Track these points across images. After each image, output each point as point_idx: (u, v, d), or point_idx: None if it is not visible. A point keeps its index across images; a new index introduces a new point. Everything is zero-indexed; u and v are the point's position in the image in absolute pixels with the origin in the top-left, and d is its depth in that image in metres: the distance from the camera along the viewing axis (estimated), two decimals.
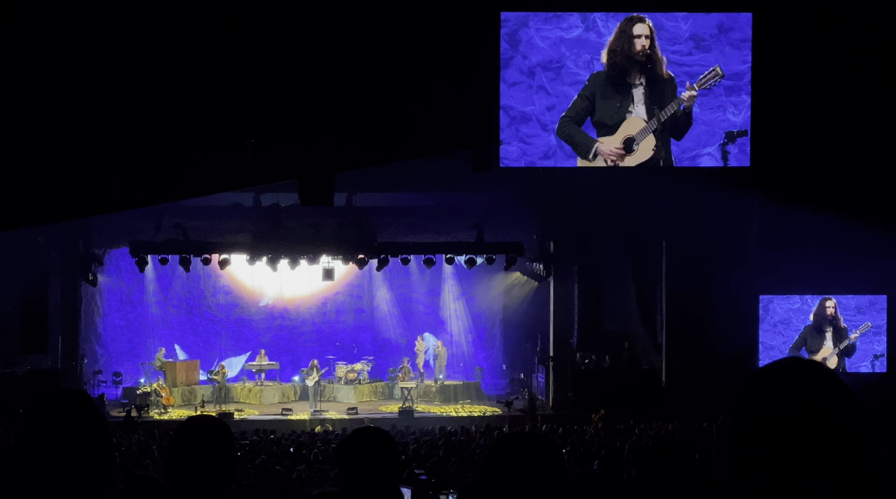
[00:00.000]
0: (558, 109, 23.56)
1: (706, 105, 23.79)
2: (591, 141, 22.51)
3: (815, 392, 2.38)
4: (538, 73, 23.27)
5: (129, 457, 21.51)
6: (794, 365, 2.47)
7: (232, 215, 32.42)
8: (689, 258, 31.64)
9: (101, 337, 35.70)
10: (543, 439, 3.77)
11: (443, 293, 38.88)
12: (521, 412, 31.69)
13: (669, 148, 23.77)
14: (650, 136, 23.64)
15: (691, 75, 23.55)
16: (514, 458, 3.62)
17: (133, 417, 29.48)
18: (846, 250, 28.22)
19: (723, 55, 23.26)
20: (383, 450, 5.17)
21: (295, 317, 37.96)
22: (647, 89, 23.60)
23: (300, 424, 30.21)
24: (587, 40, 23.38)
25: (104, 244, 33.18)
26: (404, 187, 31.53)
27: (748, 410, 2.45)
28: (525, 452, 3.65)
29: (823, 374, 2.42)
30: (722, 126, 23.86)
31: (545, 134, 23.59)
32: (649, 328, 33.80)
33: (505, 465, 3.60)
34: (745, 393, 2.47)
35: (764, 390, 2.44)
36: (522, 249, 32.49)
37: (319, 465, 20.50)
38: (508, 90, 22.00)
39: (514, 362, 37.54)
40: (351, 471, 5.12)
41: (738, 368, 30.88)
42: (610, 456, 16.38)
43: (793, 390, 2.39)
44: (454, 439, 24.51)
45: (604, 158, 20.90)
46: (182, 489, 4.36)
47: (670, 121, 23.68)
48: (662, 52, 23.47)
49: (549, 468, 3.61)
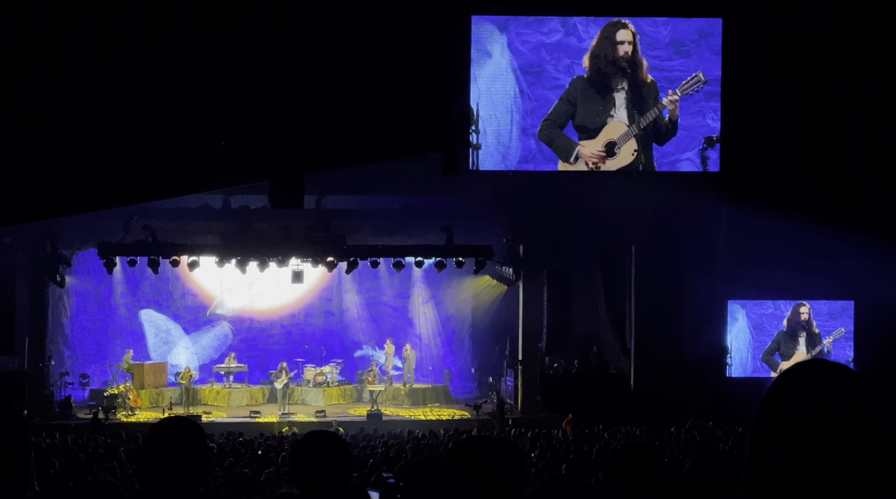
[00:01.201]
0: (538, 114, 23.59)
1: (686, 110, 23.86)
2: (573, 144, 22.60)
3: (844, 397, 2.35)
4: (518, 76, 23.29)
5: (96, 459, 21.39)
6: (820, 368, 2.43)
7: (201, 217, 32.32)
8: (658, 263, 31.72)
9: (69, 338, 35.53)
10: (504, 442, 3.77)
11: (412, 296, 38.87)
12: (490, 416, 31.68)
13: (651, 153, 23.86)
14: (631, 140, 23.71)
15: (671, 80, 23.63)
16: (473, 461, 3.62)
17: (100, 419, 29.33)
18: (816, 256, 28.35)
19: (703, 61, 23.34)
20: (333, 455, 5.15)
21: (263, 319, 37.88)
22: (630, 94, 23.67)
23: (268, 426, 30.12)
24: (567, 44, 23.43)
25: (72, 245, 33.00)
26: (374, 190, 31.51)
27: (774, 415, 2.40)
28: (483, 455, 3.64)
29: (851, 378, 2.38)
30: (701, 131, 23.95)
31: (525, 138, 23.62)
32: (618, 333, 33.88)
33: (463, 468, 3.60)
34: (769, 398, 2.41)
35: (791, 395, 2.39)
36: (492, 253, 32.46)
37: (287, 468, 20.45)
38: (486, 94, 22.04)
39: (483, 366, 37.58)
40: (300, 475, 5.11)
41: (707, 373, 31.03)
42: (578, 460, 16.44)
43: (821, 394, 2.34)
44: (422, 443, 24.50)
45: (585, 160, 20.95)
46: (154, 491, 4.33)
47: (652, 126, 23.75)
48: (643, 56, 23.54)
49: (507, 472, 3.60)
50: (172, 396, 33.75)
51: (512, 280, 34.47)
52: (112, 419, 30.26)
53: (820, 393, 2.34)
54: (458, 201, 31.92)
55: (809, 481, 2.27)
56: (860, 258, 27.64)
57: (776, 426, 2.35)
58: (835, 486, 2.26)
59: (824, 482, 2.27)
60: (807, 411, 2.32)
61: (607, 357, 34.13)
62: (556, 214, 31.34)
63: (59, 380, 33.02)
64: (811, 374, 2.39)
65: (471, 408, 32.96)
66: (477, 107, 23.61)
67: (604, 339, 34.54)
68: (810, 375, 2.39)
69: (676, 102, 23.37)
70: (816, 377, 2.38)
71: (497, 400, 32.95)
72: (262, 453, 23.00)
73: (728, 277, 30.44)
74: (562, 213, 31.10)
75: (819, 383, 2.36)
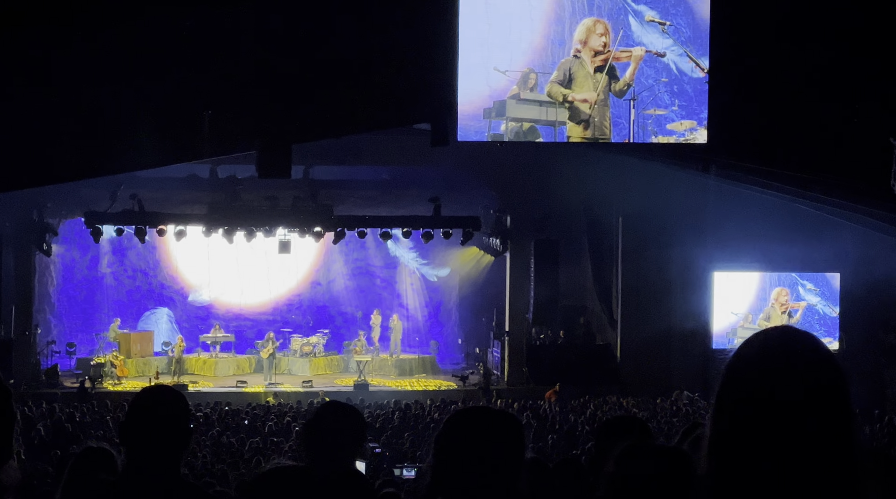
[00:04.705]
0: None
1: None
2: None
3: (795, 365, 2.38)
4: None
5: (83, 428, 21.41)
6: (780, 335, 2.46)
7: (188, 187, 32.25)
8: (645, 234, 31.77)
9: (56, 307, 35.53)
10: (504, 412, 3.78)
11: (399, 267, 38.91)
12: (476, 387, 31.76)
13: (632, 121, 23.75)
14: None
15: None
16: (472, 430, 3.64)
17: (87, 388, 29.37)
18: (803, 228, 28.38)
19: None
20: (352, 426, 5.14)
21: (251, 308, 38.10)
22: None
23: (255, 396, 30.18)
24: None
25: (59, 214, 32.94)
26: (362, 160, 31.48)
27: (732, 377, 2.43)
28: (483, 425, 3.66)
29: (809, 342, 2.42)
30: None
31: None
32: (605, 304, 33.95)
33: (462, 437, 3.61)
34: (731, 361, 2.46)
35: (747, 360, 2.42)
36: (479, 224, 32.47)
37: (273, 437, 20.50)
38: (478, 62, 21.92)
39: (470, 337, 37.63)
40: (314, 445, 5.07)
41: (693, 344, 31.10)
42: (565, 431, 16.48)
43: (775, 360, 2.38)
44: (408, 413, 24.56)
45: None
46: (136, 460, 4.33)
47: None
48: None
49: (506, 442, 3.61)
50: (159, 365, 33.78)
51: (499, 251, 34.50)
52: (99, 388, 30.29)
53: (774, 359, 2.39)
54: (445, 172, 31.90)
55: (755, 444, 2.33)
56: (847, 230, 27.71)
57: (733, 387, 2.41)
58: (777, 449, 2.32)
59: (768, 446, 2.32)
60: (760, 375, 2.37)
61: (594, 328, 34.23)
62: (543, 186, 31.36)
63: (45, 349, 33.02)
64: (770, 339, 2.44)
65: (457, 378, 33.05)
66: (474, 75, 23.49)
67: (591, 310, 34.63)
68: (769, 340, 2.44)
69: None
70: (773, 343, 2.43)
71: (483, 371, 33.02)
72: (248, 422, 23.04)
73: (714, 248, 30.48)
74: (549, 184, 31.11)
75: (774, 350, 2.40)
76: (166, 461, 4.29)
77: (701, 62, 18.96)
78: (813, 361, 2.39)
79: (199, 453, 17.71)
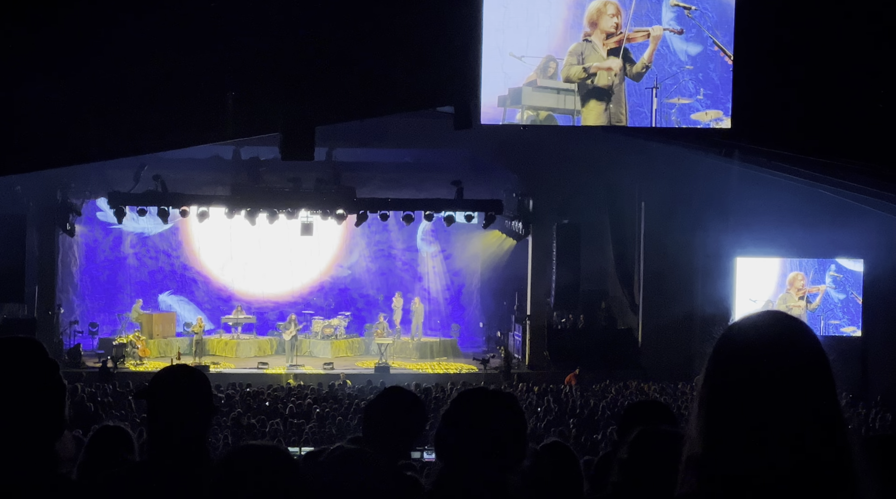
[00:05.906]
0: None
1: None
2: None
3: (782, 345, 2.42)
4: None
5: (104, 407, 21.50)
6: (767, 319, 2.52)
7: (211, 168, 32.34)
8: (667, 219, 31.69)
9: (79, 287, 35.68)
10: (500, 391, 3.96)
11: (421, 250, 38.92)
12: (497, 370, 31.76)
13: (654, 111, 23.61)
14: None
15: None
16: (474, 410, 3.76)
17: (109, 367, 29.48)
18: (827, 213, 28.21)
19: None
20: (416, 415, 5.22)
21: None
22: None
23: (276, 378, 30.24)
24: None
25: (82, 195, 33.04)
26: (385, 143, 31.49)
27: (717, 353, 2.63)
28: (484, 405, 3.80)
29: (790, 325, 2.44)
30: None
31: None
32: (627, 288, 33.89)
33: (465, 416, 3.74)
34: (720, 338, 2.53)
35: (733, 338, 2.61)
36: (501, 207, 32.41)
37: (294, 419, 20.55)
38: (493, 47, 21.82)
39: (491, 320, 37.65)
40: (378, 430, 5.08)
41: (715, 329, 30.98)
42: (586, 416, 16.47)
43: (757, 342, 2.42)
44: (429, 397, 24.58)
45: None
46: (159, 439, 4.33)
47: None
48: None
49: (506, 420, 3.76)
50: (181, 346, 33.88)
51: (521, 235, 34.47)
52: (121, 368, 30.43)
53: (757, 340, 2.53)
54: (468, 155, 31.86)
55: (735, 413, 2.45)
56: (872, 216, 27.54)
57: (717, 362, 2.62)
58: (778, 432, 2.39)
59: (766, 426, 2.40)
60: (742, 353, 2.55)
61: (615, 313, 34.15)
62: (566, 170, 31.31)
63: (68, 328, 33.19)
64: (755, 322, 2.59)
65: (478, 362, 33.04)
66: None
67: (612, 294, 34.55)
68: (754, 323, 2.59)
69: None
70: (759, 325, 2.57)
71: (504, 354, 33.01)
72: (269, 404, 23.10)
73: (737, 233, 30.36)
74: (572, 168, 31.07)
75: (757, 332, 2.54)
76: (189, 440, 4.29)
77: (727, 49, 18.80)
78: (797, 340, 2.48)
79: (220, 433, 17.76)
